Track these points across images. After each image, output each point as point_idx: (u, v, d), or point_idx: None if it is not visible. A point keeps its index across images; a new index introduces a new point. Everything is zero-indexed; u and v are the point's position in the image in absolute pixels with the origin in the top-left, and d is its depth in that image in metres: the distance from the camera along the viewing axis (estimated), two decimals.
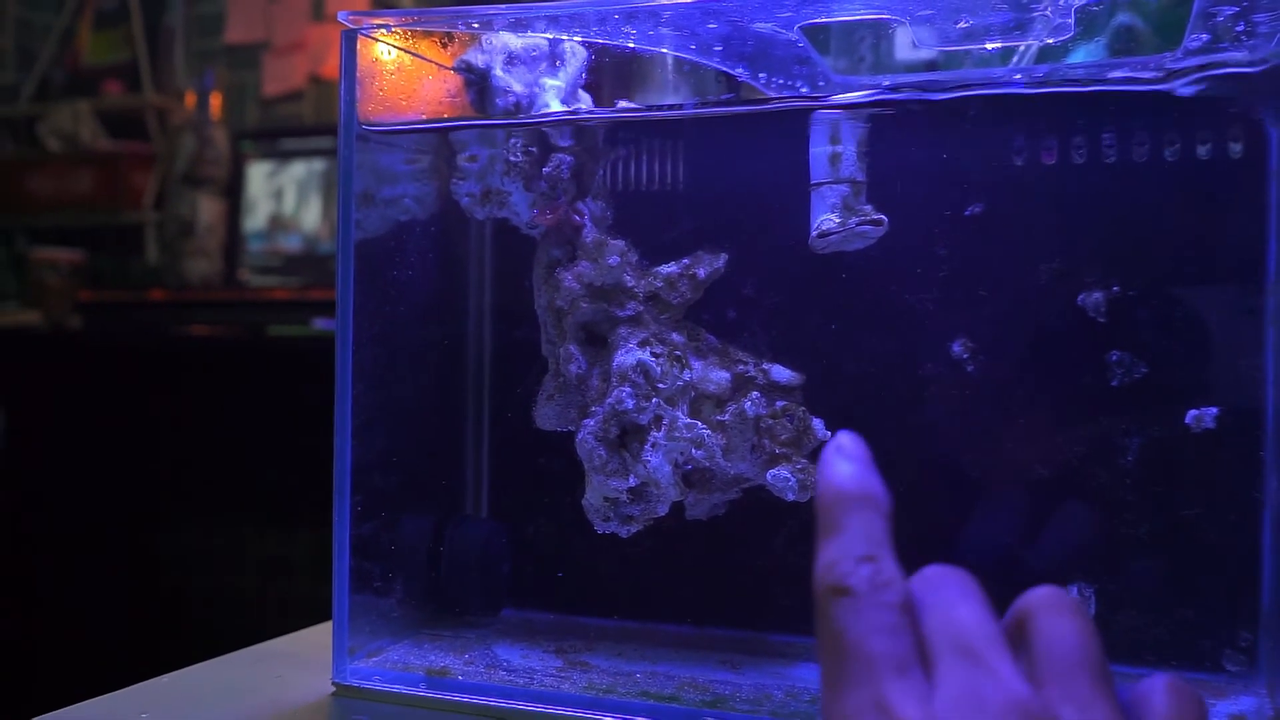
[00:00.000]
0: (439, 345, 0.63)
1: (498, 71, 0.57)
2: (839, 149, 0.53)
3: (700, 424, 0.53)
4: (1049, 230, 0.54)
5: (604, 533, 0.56)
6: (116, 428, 1.91)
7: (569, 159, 0.57)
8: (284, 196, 2.18)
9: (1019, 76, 0.56)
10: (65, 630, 1.91)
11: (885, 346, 0.55)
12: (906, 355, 0.55)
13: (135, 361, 1.94)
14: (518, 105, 0.57)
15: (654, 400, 0.53)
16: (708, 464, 0.53)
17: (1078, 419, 0.53)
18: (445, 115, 0.60)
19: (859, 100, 0.55)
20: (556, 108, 0.57)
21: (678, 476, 0.54)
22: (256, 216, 2.19)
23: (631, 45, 0.58)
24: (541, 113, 0.57)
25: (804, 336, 0.56)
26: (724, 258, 0.56)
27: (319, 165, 2.16)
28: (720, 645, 0.58)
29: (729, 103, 0.62)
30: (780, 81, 0.61)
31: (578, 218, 0.57)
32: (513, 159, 0.57)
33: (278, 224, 2.18)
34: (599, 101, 0.60)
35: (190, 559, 1.92)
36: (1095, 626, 0.31)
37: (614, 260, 0.55)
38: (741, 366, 0.55)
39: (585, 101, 0.60)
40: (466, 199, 0.59)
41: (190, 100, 2.28)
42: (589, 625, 0.61)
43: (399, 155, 0.61)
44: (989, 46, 0.53)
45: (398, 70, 0.58)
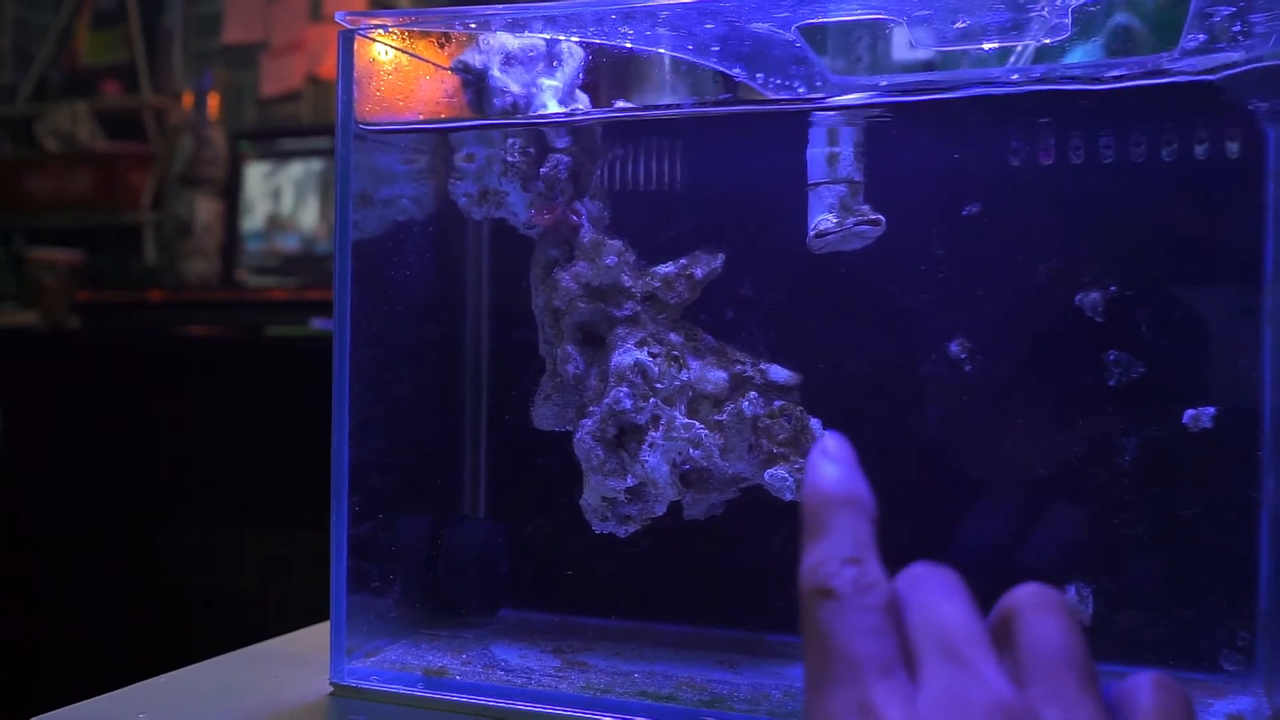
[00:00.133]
0: (436, 345, 0.63)
1: (495, 72, 0.57)
2: (836, 149, 0.53)
3: (698, 424, 0.53)
4: (1046, 230, 0.54)
5: (602, 533, 0.56)
6: (115, 428, 1.91)
7: (566, 159, 0.57)
8: (282, 197, 2.18)
9: (1016, 76, 0.56)
10: (65, 630, 1.91)
11: (883, 346, 0.55)
12: (904, 355, 0.55)
13: (133, 362, 1.94)
14: (515, 105, 0.57)
15: (651, 400, 0.53)
16: (705, 464, 0.53)
17: (1075, 419, 0.53)
18: (442, 115, 0.60)
19: (858, 102, 0.55)
20: (554, 108, 0.57)
21: (675, 476, 0.54)
22: (254, 217, 2.19)
23: (629, 45, 0.58)
24: (539, 113, 0.57)
25: (801, 336, 0.56)
26: (721, 258, 0.56)
27: (317, 165, 2.16)
28: (718, 645, 0.58)
29: (726, 103, 0.62)
30: (778, 81, 0.61)
31: (575, 218, 0.57)
32: (510, 159, 0.57)
33: (275, 224, 2.18)
34: (596, 102, 0.60)
35: (190, 559, 1.92)
36: (1079, 624, 0.31)
37: (611, 260, 0.55)
38: (739, 366, 0.55)
39: (583, 102, 0.60)
40: (464, 199, 0.59)
41: (188, 100, 2.28)
42: (587, 625, 0.61)
43: (396, 155, 0.61)
44: (986, 47, 0.53)
45: (395, 70, 0.58)
